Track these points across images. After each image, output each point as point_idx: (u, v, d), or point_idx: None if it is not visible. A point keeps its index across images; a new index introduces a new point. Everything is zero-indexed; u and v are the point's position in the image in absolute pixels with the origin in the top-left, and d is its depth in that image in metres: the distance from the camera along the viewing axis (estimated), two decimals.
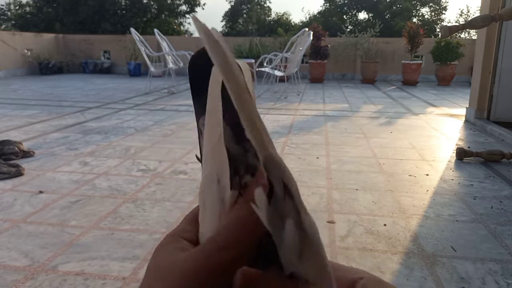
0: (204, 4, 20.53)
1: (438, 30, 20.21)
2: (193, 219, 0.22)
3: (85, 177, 1.98)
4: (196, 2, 20.14)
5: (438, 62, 7.14)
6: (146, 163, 2.22)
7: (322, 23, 12.79)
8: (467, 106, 3.74)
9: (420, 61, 7.36)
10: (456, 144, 2.74)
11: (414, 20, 20.91)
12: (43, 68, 8.16)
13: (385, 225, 1.47)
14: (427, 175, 2.06)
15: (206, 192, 0.20)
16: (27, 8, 19.12)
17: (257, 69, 5.62)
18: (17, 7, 19.19)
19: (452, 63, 7.09)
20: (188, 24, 21.28)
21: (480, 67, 3.50)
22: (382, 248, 1.31)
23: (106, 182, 1.91)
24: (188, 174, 2.05)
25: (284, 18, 23.93)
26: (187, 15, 20.82)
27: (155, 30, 6.02)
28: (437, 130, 3.23)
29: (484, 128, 3.28)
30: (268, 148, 0.16)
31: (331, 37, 8.09)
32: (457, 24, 1.73)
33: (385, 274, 1.16)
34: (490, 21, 1.68)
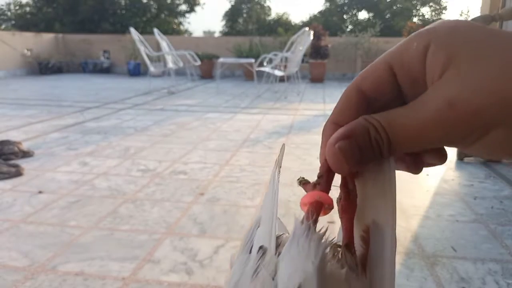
0: (204, 4, 20.53)
1: None
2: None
3: (84, 177, 1.98)
4: (196, 1, 20.12)
5: None
6: (146, 163, 2.22)
7: (322, 23, 12.78)
8: None
9: None
10: None
11: (415, 20, 20.90)
12: (43, 68, 8.15)
13: None
14: (428, 175, 2.06)
15: None
16: (27, 8, 19.10)
17: (257, 69, 5.61)
18: (17, 7, 19.17)
19: None
20: (188, 24, 21.25)
21: None
22: None
23: (105, 182, 1.91)
24: (187, 174, 2.05)
25: (284, 18, 23.91)
26: (187, 15, 20.81)
27: (155, 30, 6.02)
28: None
29: None
30: None
31: (331, 37, 8.09)
32: None
33: None
34: (490, 21, 1.67)
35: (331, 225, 1.50)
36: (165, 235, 1.38)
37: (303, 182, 0.22)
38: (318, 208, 0.20)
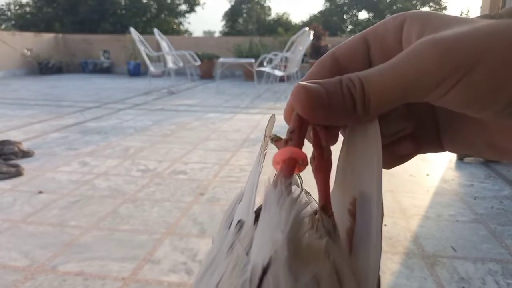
0: (204, 4, 20.53)
1: None
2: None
3: (84, 177, 1.98)
4: (196, 1, 20.12)
5: None
6: (146, 163, 2.22)
7: (322, 23, 12.81)
8: None
9: None
10: None
11: None
12: (43, 68, 8.15)
13: (385, 225, 1.47)
14: (428, 175, 2.06)
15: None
16: (27, 8, 19.11)
17: (257, 69, 5.61)
18: (17, 7, 19.18)
19: None
20: (188, 24, 21.25)
21: None
22: (383, 248, 1.31)
23: (105, 182, 1.91)
24: (187, 174, 2.05)
25: (284, 18, 23.92)
26: (187, 15, 20.81)
27: (155, 30, 6.02)
28: None
29: None
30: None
31: (331, 37, 8.09)
32: None
33: (385, 274, 1.16)
34: None
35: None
36: (165, 235, 1.38)
37: (275, 140, 0.20)
38: (291, 165, 0.17)
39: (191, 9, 20.43)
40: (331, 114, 0.17)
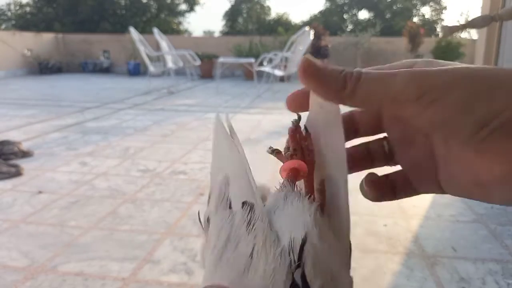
0: (204, 4, 20.54)
1: (438, 29, 20.20)
2: None
3: (84, 177, 1.98)
4: (195, 1, 20.12)
5: None
6: (146, 163, 2.22)
7: (322, 23, 12.78)
8: None
9: None
10: None
11: (415, 19, 20.92)
12: (43, 68, 8.15)
13: (385, 225, 1.47)
14: None
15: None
16: (27, 8, 19.10)
17: (257, 69, 5.61)
18: (17, 7, 19.17)
19: None
20: (188, 24, 21.21)
21: None
22: (383, 248, 1.31)
23: (105, 182, 1.91)
24: (187, 174, 2.05)
25: (284, 18, 23.91)
26: (187, 15, 20.81)
27: (155, 30, 6.01)
28: None
29: None
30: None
31: (331, 37, 8.08)
32: (457, 24, 1.73)
33: (386, 274, 1.16)
34: (490, 21, 1.67)
35: None
36: (165, 235, 1.38)
37: (276, 152, 0.25)
38: (296, 174, 0.23)
39: (191, 9, 20.42)
40: (323, 81, 0.20)
